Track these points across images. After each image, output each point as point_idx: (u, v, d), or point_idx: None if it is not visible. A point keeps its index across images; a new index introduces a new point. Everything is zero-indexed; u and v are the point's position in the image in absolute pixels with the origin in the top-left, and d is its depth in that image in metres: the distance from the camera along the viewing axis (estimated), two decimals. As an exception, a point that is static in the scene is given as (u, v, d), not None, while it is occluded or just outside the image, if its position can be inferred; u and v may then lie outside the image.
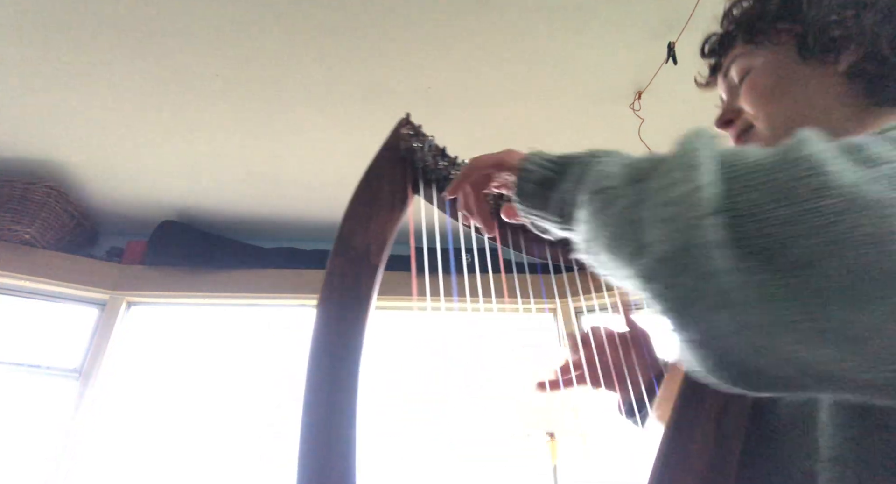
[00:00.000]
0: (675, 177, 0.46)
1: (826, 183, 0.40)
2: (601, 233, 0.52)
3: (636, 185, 0.51)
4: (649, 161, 0.53)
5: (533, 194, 0.68)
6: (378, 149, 0.87)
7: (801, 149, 0.43)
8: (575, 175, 0.62)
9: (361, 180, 0.84)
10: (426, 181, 0.87)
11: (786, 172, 0.42)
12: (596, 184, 0.56)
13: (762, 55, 0.81)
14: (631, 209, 0.49)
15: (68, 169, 2.80)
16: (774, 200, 0.41)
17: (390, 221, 0.84)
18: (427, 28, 2.05)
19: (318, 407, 0.74)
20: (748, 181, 0.43)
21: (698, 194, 0.43)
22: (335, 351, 0.78)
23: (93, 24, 2.01)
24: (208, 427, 2.70)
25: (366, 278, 0.82)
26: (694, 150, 0.48)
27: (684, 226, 0.43)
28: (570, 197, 0.61)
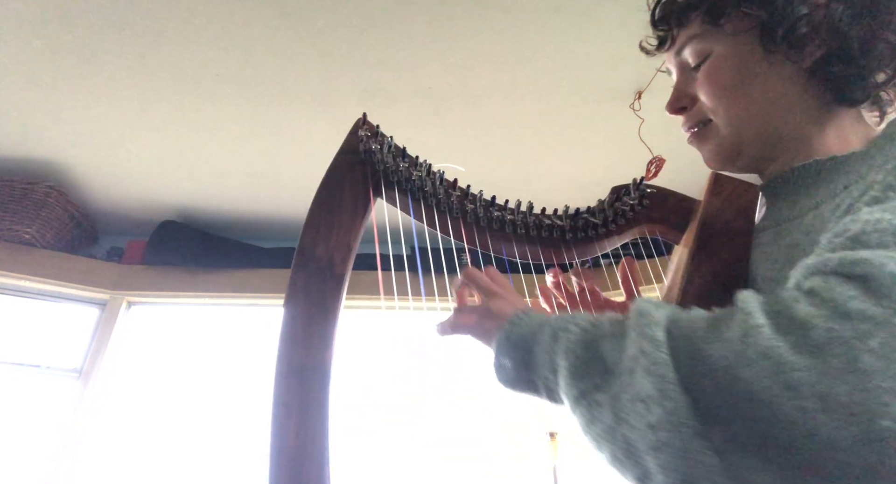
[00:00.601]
0: (641, 389, 0.47)
1: (795, 382, 0.41)
2: (599, 450, 0.53)
3: (609, 384, 0.52)
4: (610, 341, 0.55)
5: (515, 379, 0.68)
6: (335, 153, 0.85)
7: (754, 341, 0.44)
8: (545, 362, 0.62)
9: (320, 187, 0.82)
10: (388, 183, 0.85)
11: (749, 369, 0.43)
12: (570, 388, 0.56)
13: (722, 41, 0.76)
14: (616, 427, 0.49)
15: (68, 169, 2.81)
16: (749, 399, 0.42)
17: (353, 228, 0.82)
18: (427, 28, 2.02)
19: (286, 431, 0.72)
20: (713, 381, 0.45)
21: (675, 416, 0.45)
22: (303, 370, 0.76)
23: (93, 24, 2.00)
24: (208, 427, 2.70)
25: (331, 290, 0.80)
26: (645, 350, 0.49)
27: (677, 456, 0.44)
28: (552, 386, 0.61)
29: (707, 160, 0.83)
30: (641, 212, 0.92)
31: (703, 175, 2.08)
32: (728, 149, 0.79)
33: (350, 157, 0.85)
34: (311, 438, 0.73)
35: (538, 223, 0.88)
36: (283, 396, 0.75)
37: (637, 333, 0.51)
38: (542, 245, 0.89)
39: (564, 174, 2.81)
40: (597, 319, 0.60)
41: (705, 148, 0.82)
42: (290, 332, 0.78)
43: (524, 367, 0.66)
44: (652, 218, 0.93)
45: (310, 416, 0.74)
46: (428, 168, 0.84)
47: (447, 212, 0.85)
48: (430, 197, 0.84)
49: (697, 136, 0.82)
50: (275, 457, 0.72)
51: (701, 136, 0.82)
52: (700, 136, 0.82)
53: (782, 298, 0.48)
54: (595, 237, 0.91)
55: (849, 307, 0.43)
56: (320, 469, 0.71)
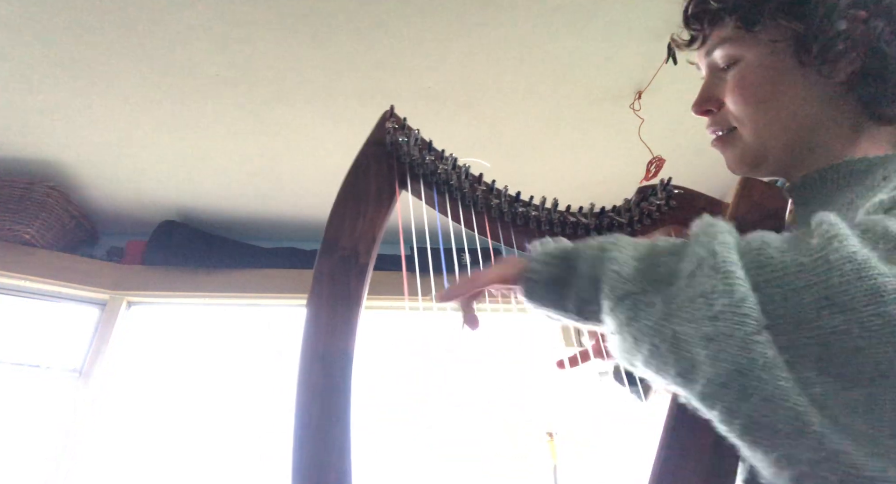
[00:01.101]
0: (706, 285, 0.44)
1: (880, 287, 0.38)
2: (636, 348, 0.49)
3: (661, 291, 0.48)
4: (666, 256, 0.51)
5: (544, 296, 0.62)
6: (362, 144, 0.86)
7: (838, 246, 0.41)
8: (585, 274, 0.57)
9: (347, 177, 0.83)
10: (413, 176, 0.86)
11: (828, 275, 0.40)
12: (615, 288, 0.52)
13: (755, 48, 0.75)
14: (665, 322, 0.46)
15: (68, 169, 2.80)
16: (823, 307, 0.39)
17: (378, 219, 0.83)
18: (427, 28, 2.04)
19: (310, 416, 0.73)
20: (786, 285, 0.42)
21: (740, 308, 0.41)
22: (326, 356, 0.77)
23: (93, 24, 2.00)
24: (208, 427, 2.70)
25: (355, 279, 0.81)
26: (716, 250, 0.46)
27: (735, 345, 0.41)
28: (587, 295, 0.57)
29: (730, 165, 0.82)
30: (668, 212, 0.92)
31: (703, 175, 2.11)
32: (752, 158, 0.79)
33: (377, 149, 0.86)
34: (333, 422, 0.74)
35: (562, 220, 0.88)
36: (307, 380, 0.76)
37: (703, 238, 0.48)
38: None
39: (564, 174, 2.83)
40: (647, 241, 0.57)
41: (729, 153, 0.81)
42: (314, 319, 0.79)
43: (559, 283, 0.60)
44: (678, 219, 0.93)
45: (332, 400, 0.75)
46: (454, 162, 0.85)
47: (471, 206, 0.86)
48: (455, 191, 0.85)
49: (722, 141, 0.82)
50: (297, 441, 0.73)
51: (725, 141, 0.81)
52: (724, 142, 0.81)
53: (866, 219, 0.45)
54: None
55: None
56: (342, 453, 0.72)
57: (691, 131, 2.44)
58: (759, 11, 0.73)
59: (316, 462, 0.72)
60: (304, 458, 0.73)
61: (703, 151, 2.44)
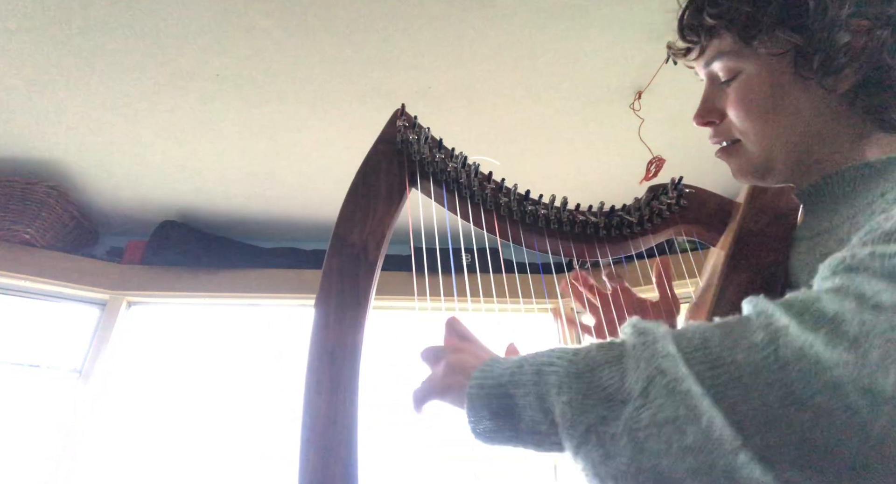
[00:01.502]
0: (668, 412, 0.43)
1: (837, 380, 0.39)
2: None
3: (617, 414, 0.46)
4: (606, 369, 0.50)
5: (494, 430, 0.59)
6: (374, 142, 0.86)
7: (785, 343, 0.42)
8: (532, 403, 0.55)
9: (357, 174, 0.84)
10: (423, 174, 0.86)
11: (784, 372, 0.40)
12: (575, 424, 0.49)
13: (754, 61, 0.73)
14: (640, 459, 0.44)
15: (68, 169, 2.80)
16: (788, 404, 0.40)
17: (387, 216, 0.83)
18: (427, 28, 2.04)
19: (318, 408, 0.73)
20: (745, 388, 0.42)
21: (712, 434, 0.41)
22: (335, 351, 0.77)
23: (93, 25, 2.00)
24: (208, 427, 2.70)
25: (364, 275, 0.82)
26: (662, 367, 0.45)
27: (721, 476, 0.40)
28: (543, 429, 0.54)
29: (735, 175, 0.82)
30: (678, 212, 0.92)
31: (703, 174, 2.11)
32: (758, 168, 0.78)
33: (387, 147, 0.86)
34: (341, 417, 0.74)
35: (572, 219, 0.88)
36: (315, 374, 0.76)
37: (644, 351, 0.48)
38: (574, 241, 0.90)
39: (564, 174, 2.83)
40: (580, 348, 0.54)
41: (734, 164, 0.81)
42: (323, 314, 0.79)
43: (505, 415, 0.57)
44: (688, 219, 0.93)
45: (340, 395, 0.75)
46: (463, 160, 0.86)
47: (481, 204, 0.86)
48: (465, 189, 0.86)
49: (726, 152, 0.81)
50: (305, 435, 0.73)
51: (730, 152, 0.80)
52: (728, 153, 0.81)
53: (801, 298, 0.46)
54: (630, 235, 0.91)
55: (880, 299, 0.41)
56: (349, 449, 0.72)
57: (691, 131, 2.43)
58: (756, 25, 0.71)
59: (323, 453, 0.73)
60: (311, 449, 0.73)
61: (703, 151, 2.44)
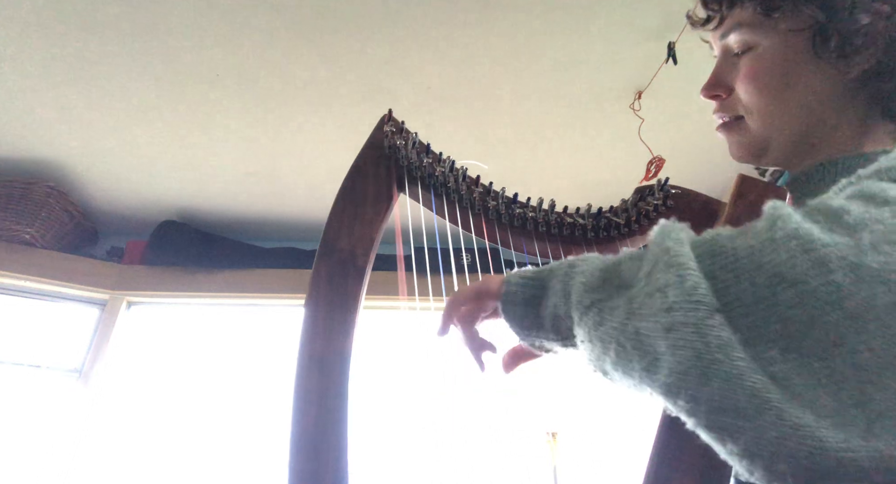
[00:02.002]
0: (660, 280, 0.45)
1: (825, 257, 0.39)
2: (604, 352, 0.49)
3: (624, 294, 0.49)
4: (628, 262, 0.52)
5: (522, 316, 0.63)
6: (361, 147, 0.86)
7: (782, 225, 0.42)
8: (558, 289, 0.58)
9: (345, 180, 0.83)
10: (411, 178, 0.86)
11: (775, 253, 0.41)
12: (583, 298, 0.53)
13: (772, 36, 0.73)
14: (627, 322, 0.46)
15: (68, 169, 2.80)
16: (774, 283, 0.40)
17: (376, 221, 0.83)
18: (427, 27, 2.04)
19: (307, 416, 0.73)
20: (738, 269, 0.42)
21: (692, 295, 0.42)
22: (324, 358, 0.77)
23: (93, 24, 2.01)
24: (208, 427, 2.70)
25: (353, 281, 0.81)
26: (668, 247, 0.47)
27: (690, 333, 0.41)
28: (562, 312, 0.57)
29: (732, 152, 0.82)
30: (665, 213, 0.92)
31: (703, 174, 2.11)
32: (756, 147, 0.78)
33: (375, 152, 0.86)
34: (330, 424, 0.74)
35: (560, 221, 0.88)
36: (304, 383, 0.76)
37: (658, 238, 0.49)
38: (563, 243, 0.90)
39: (564, 174, 2.82)
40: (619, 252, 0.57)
41: (734, 140, 0.81)
42: (311, 320, 0.79)
43: (535, 301, 0.61)
44: (676, 219, 0.93)
45: (329, 403, 0.75)
46: (451, 164, 0.85)
47: (469, 208, 0.86)
48: (453, 193, 0.85)
49: (727, 127, 0.81)
50: (294, 443, 0.73)
51: (731, 128, 0.80)
52: (730, 129, 0.80)
53: (814, 201, 0.46)
54: (617, 237, 0.91)
55: (887, 195, 0.43)
56: (339, 455, 0.72)
57: (691, 131, 2.43)
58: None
59: (313, 463, 0.72)
60: (300, 458, 0.73)
61: (703, 151, 2.44)
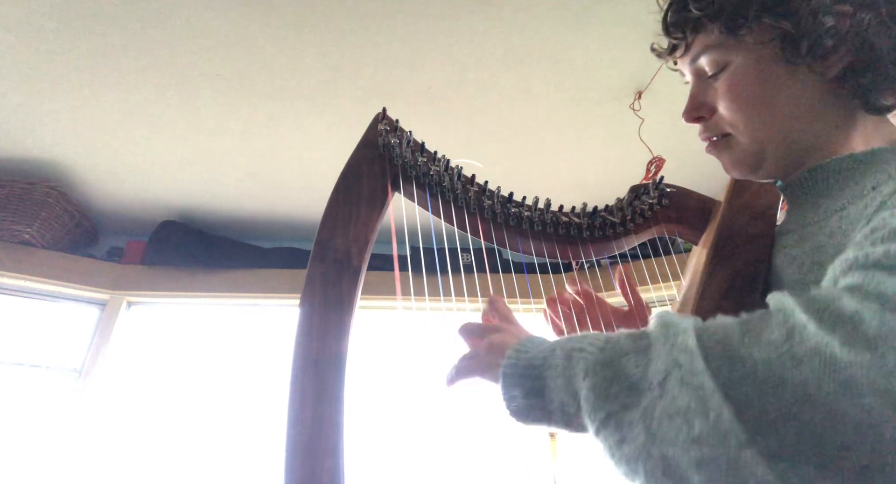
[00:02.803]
0: (680, 403, 0.44)
1: (852, 379, 0.38)
2: (634, 471, 0.48)
3: (637, 403, 0.48)
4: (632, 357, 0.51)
5: (527, 410, 0.61)
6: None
7: (801, 340, 0.42)
8: (560, 386, 0.57)
9: (339, 180, 0.83)
10: (406, 178, 0.86)
11: (798, 371, 0.40)
12: (594, 409, 0.52)
13: (742, 52, 0.73)
14: (650, 446, 0.46)
15: (68, 169, 2.80)
16: (801, 402, 0.39)
17: (371, 221, 0.82)
18: (427, 27, 2.03)
19: (302, 419, 0.73)
20: (759, 386, 0.42)
21: (719, 428, 0.42)
22: (319, 360, 0.76)
23: (93, 25, 2.00)
24: (208, 427, 2.70)
25: (348, 282, 0.81)
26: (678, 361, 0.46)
27: (725, 470, 0.41)
28: (572, 411, 0.56)
29: (727, 169, 0.81)
30: (660, 211, 0.92)
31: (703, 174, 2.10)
32: (750, 160, 0.77)
33: (369, 151, 0.85)
34: (326, 428, 0.73)
35: (555, 220, 0.88)
36: (299, 386, 0.76)
37: (665, 344, 0.49)
38: (558, 242, 0.89)
39: (564, 174, 2.82)
40: (611, 336, 0.56)
41: (725, 158, 0.80)
42: (306, 322, 0.78)
43: (536, 395, 0.60)
44: (670, 218, 0.93)
45: (325, 406, 0.74)
46: (446, 163, 0.85)
47: (464, 207, 0.86)
48: (448, 192, 0.85)
49: (716, 146, 0.80)
50: (290, 447, 0.72)
51: (720, 146, 0.80)
52: (719, 147, 0.80)
53: (821, 296, 0.45)
54: (612, 236, 0.91)
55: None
56: (335, 459, 0.72)
57: (691, 131, 2.42)
58: (742, 15, 0.71)
59: (308, 466, 0.72)
60: (296, 461, 0.72)
61: (702, 151, 2.41)
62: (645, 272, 2.31)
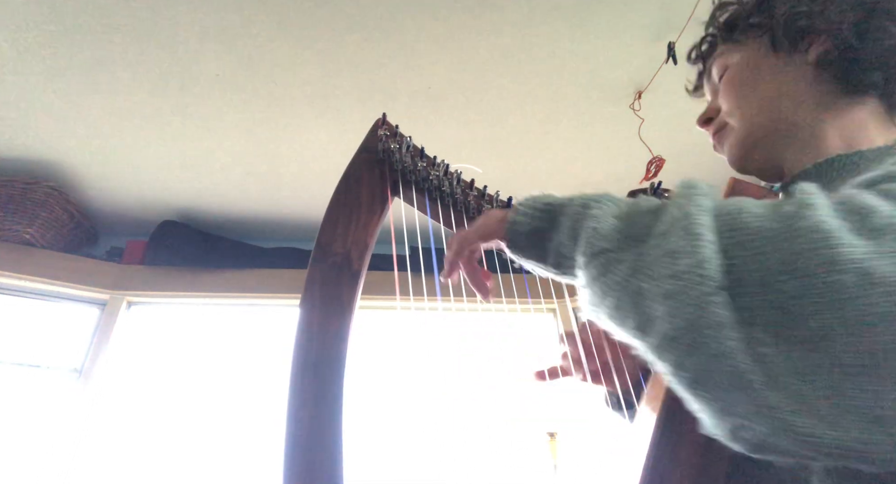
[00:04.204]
0: (674, 244, 0.46)
1: (837, 257, 0.39)
2: (603, 300, 0.51)
3: (633, 248, 0.50)
4: (644, 215, 0.53)
5: (526, 246, 0.66)
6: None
7: (806, 216, 0.42)
8: (566, 227, 0.60)
9: (339, 184, 0.83)
10: (405, 182, 0.86)
11: (793, 242, 0.41)
12: (591, 244, 0.54)
13: (739, 52, 0.83)
14: (631, 278, 0.48)
15: (68, 169, 2.80)
16: (783, 271, 0.40)
17: (370, 226, 0.83)
18: (427, 28, 2.03)
19: (301, 422, 0.73)
20: (753, 249, 0.43)
21: (701, 269, 0.43)
22: (318, 363, 0.76)
23: (93, 25, 2.01)
24: (208, 426, 2.70)
25: (347, 286, 0.81)
26: (690, 212, 0.47)
27: (690, 303, 0.42)
28: (565, 251, 0.60)
29: (729, 160, 0.86)
30: None
31: (703, 175, 2.10)
32: (743, 143, 0.82)
33: (369, 156, 0.86)
34: (324, 430, 0.73)
35: None
36: (299, 388, 0.76)
37: (681, 199, 0.49)
38: None
39: (564, 174, 2.82)
40: (627, 199, 0.59)
41: (725, 148, 0.86)
42: (306, 326, 0.79)
43: (542, 232, 0.64)
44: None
45: (324, 408, 0.74)
46: (445, 168, 0.85)
47: (464, 212, 0.86)
48: (448, 197, 0.85)
49: (719, 138, 0.87)
50: (289, 449, 0.72)
51: (721, 137, 0.86)
52: (720, 138, 0.86)
53: (846, 191, 0.46)
54: None
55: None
56: (333, 461, 0.72)
57: (691, 131, 2.42)
58: (734, 20, 0.83)
59: (307, 468, 0.72)
60: (295, 463, 0.72)
61: (703, 152, 2.42)
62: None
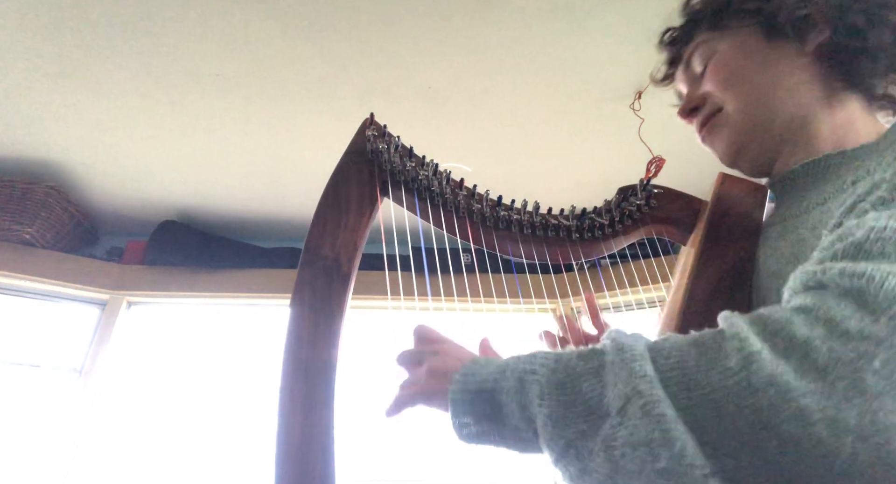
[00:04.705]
0: (640, 433, 0.45)
1: (804, 409, 0.40)
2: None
3: (596, 430, 0.48)
4: (587, 380, 0.51)
5: (479, 435, 0.60)
6: (338, 153, 0.85)
7: (757, 369, 0.43)
8: (514, 410, 0.56)
9: (327, 187, 0.83)
10: (394, 183, 0.86)
11: (757, 399, 0.41)
12: (554, 438, 0.51)
13: (727, 38, 0.79)
14: (616, 476, 0.46)
15: (68, 169, 2.80)
16: (760, 430, 0.41)
17: (359, 227, 0.82)
18: (427, 27, 2.03)
19: (292, 426, 0.72)
20: (719, 411, 0.43)
21: (683, 459, 0.42)
22: (309, 367, 0.76)
23: (93, 25, 2.00)
24: (208, 426, 2.70)
25: (337, 288, 0.80)
26: (639, 389, 0.46)
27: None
28: (528, 437, 0.56)
29: (721, 154, 0.84)
30: (648, 212, 0.92)
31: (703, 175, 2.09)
32: (740, 134, 0.80)
33: (357, 157, 0.85)
34: (316, 435, 0.73)
35: (544, 223, 0.88)
36: (289, 393, 0.76)
37: (622, 368, 0.49)
38: (548, 245, 0.89)
39: (564, 174, 2.81)
40: (561, 355, 0.55)
41: (717, 140, 0.83)
42: (296, 329, 0.78)
43: (489, 420, 0.58)
44: (659, 218, 0.93)
45: (315, 413, 0.74)
46: (435, 168, 0.84)
47: (454, 211, 0.86)
48: (437, 196, 0.85)
49: (710, 129, 0.83)
50: (281, 454, 0.72)
51: (713, 127, 0.83)
52: (712, 129, 0.83)
53: (774, 319, 0.46)
54: (601, 237, 0.91)
55: (847, 326, 0.42)
56: (326, 466, 0.72)
57: (691, 131, 2.41)
58: (724, 5, 0.79)
59: (299, 471, 0.72)
60: (287, 466, 0.72)
61: (703, 151, 2.41)
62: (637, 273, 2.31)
